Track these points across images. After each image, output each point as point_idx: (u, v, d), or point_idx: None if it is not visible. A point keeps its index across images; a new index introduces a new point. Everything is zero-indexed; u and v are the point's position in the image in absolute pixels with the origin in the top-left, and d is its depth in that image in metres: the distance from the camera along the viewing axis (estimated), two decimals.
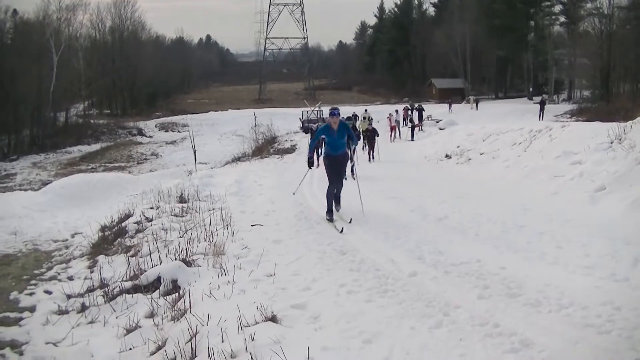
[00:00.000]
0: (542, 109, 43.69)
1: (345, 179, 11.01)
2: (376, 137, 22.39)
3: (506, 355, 4.49)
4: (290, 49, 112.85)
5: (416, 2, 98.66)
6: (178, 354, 4.92)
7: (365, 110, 34.81)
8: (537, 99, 53.68)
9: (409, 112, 41.23)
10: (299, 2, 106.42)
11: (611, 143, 11.93)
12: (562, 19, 74.22)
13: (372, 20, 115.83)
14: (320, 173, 15.37)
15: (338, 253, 7.74)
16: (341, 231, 8.99)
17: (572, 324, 4.88)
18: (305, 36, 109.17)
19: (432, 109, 52.04)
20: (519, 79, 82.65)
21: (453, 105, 58.55)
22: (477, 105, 59.13)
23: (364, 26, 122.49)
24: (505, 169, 15.43)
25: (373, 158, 22.16)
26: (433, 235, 8.41)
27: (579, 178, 11.26)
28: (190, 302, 6.04)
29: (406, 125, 36.39)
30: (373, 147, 22.25)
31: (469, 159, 18.93)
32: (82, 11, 73.86)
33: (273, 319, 5.27)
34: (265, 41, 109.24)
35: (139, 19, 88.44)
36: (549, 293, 5.57)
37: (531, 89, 75.52)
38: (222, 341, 4.88)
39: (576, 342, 4.56)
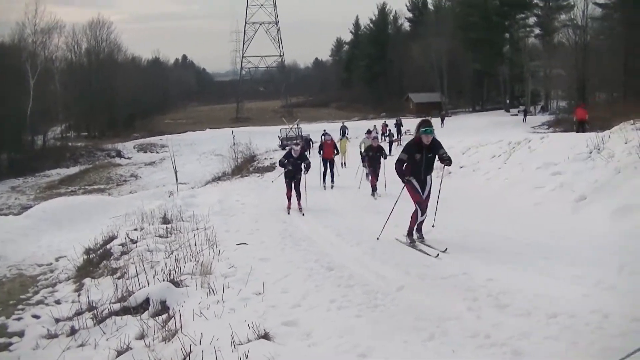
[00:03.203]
0: (525, 115, 56.56)
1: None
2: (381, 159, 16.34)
3: None
4: (267, 67, 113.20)
5: (391, 18, 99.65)
6: None
7: (343, 123, 32.40)
8: (516, 110, 64.54)
9: (387, 127, 41.36)
10: (274, 20, 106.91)
11: (590, 153, 12.02)
12: (537, 30, 75.52)
13: (347, 37, 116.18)
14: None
15: (326, 269, 7.77)
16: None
17: (562, 333, 4.93)
18: (282, 54, 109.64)
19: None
20: (496, 91, 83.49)
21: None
22: (442, 121, 54.75)
23: (339, 43, 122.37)
24: (486, 182, 15.45)
25: (376, 190, 15.84)
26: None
27: (559, 188, 11.32)
28: (180, 322, 6.05)
29: (384, 140, 36.48)
30: (377, 174, 16.04)
31: (449, 172, 18.96)
32: (57, 34, 73.54)
33: (266, 336, 5.26)
34: (242, 60, 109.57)
35: (115, 41, 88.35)
36: (538, 303, 5.61)
37: (508, 101, 76.38)
38: None
39: (567, 349, 4.62)
